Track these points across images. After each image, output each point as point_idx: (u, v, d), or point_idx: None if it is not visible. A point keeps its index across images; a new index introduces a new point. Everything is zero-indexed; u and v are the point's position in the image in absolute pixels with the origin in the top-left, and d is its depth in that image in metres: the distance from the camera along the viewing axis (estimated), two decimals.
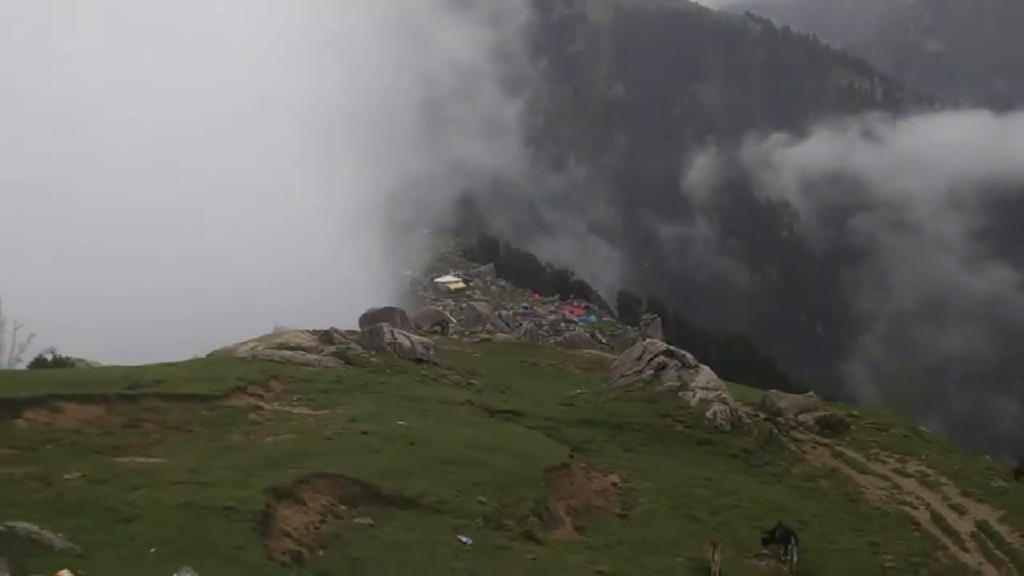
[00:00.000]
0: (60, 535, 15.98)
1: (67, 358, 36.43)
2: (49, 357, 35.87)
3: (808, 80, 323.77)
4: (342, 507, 21.85)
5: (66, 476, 19.90)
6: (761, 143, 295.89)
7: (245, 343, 44.40)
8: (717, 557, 24.44)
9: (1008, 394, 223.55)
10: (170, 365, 35.20)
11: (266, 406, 31.94)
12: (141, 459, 22.95)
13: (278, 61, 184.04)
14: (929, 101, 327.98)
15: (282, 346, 44.21)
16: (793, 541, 26.21)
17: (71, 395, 26.26)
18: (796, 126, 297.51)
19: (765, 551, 26.63)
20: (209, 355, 42.57)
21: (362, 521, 21.21)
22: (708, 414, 40.70)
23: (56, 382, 27.70)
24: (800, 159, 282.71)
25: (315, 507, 21.26)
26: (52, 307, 72.53)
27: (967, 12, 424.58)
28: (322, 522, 20.84)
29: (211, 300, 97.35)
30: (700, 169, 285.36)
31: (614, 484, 31.84)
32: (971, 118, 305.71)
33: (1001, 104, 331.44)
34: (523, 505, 24.83)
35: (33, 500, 18.02)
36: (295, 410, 32.34)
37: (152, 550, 16.45)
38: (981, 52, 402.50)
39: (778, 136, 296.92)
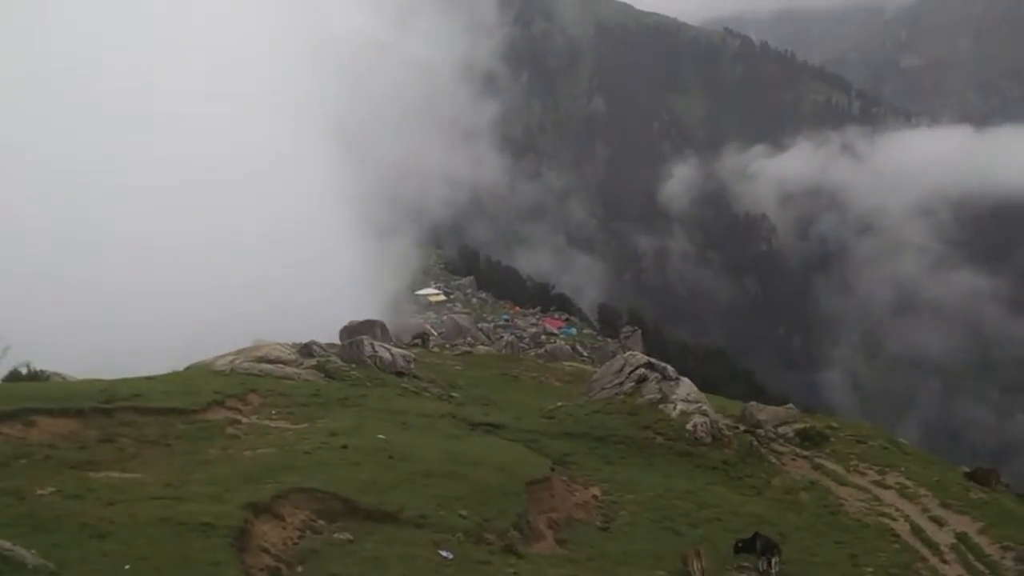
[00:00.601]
0: (33, 552, 15.71)
1: (42, 372, 35.86)
2: (24, 371, 35.27)
3: (786, 95, 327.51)
4: (321, 522, 21.63)
5: (40, 491, 19.57)
6: (739, 156, 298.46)
7: (223, 356, 43.97)
8: (698, 566, 24.46)
9: (983, 404, 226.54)
10: (148, 379, 34.79)
11: (244, 420, 31.59)
12: (116, 474, 22.63)
13: (260, 61, 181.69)
14: (906, 116, 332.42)
15: (261, 359, 43.79)
16: (776, 553, 26.27)
17: (46, 409, 25.86)
18: (774, 140, 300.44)
19: (745, 563, 26.68)
20: (187, 368, 42.14)
21: (341, 536, 21.00)
22: (688, 426, 40.75)
23: (31, 396, 27.27)
24: (778, 173, 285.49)
25: (294, 522, 21.04)
26: (28, 318, 71.41)
27: (942, 29, 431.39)
28: (301, 537, 20.62)
29: (191, 308, 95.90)
30: (679, 182, 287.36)
31: (595, 497, 31.78)
32: (948, 133, 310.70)
33: (977, 119, 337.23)
34: (504, 519, 24.69)
35: (6, 516, 17.69)
36: (274, 424, 32.02)
37: (127, 567, 16.21)
38: (956, 68, 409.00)
39: (756, 149, 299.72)
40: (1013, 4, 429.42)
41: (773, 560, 26.03)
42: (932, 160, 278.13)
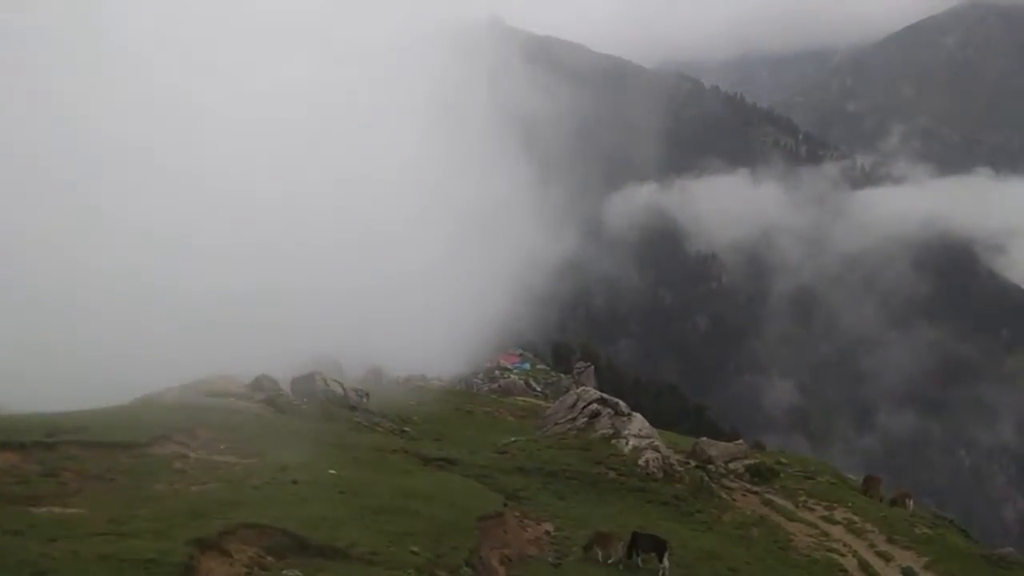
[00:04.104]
0: None
1: None
2: None
3: (736, 136, 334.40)
4: (270, 559, 21.21)
5: None
6: (691, 196, 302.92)
7: (171, 389, 43.23)
8: (602, 553, 27.34)
9: (933, 444, 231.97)
10: (92, 412, 33.99)
11: (191, 454, 30.99)
12: (58, 509, 22.02)
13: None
14: (852, 159, 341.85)
15: (210, 393, 43.16)
16: (666, 550, 27.52)
17: None
18: (725, 180, 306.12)
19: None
20: (134, 401, 41.27)
21: (290, 573, 20.60)
22: (641, 462, 40.93)
23: None
24: (729, 212, 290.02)
25: (241, 559, 20.60)
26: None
27: (886, 76, 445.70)
28: (248, 575, 20.20)
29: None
30: (632, 221, 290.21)
31: (548, 533, 31.67)
32: (896, 176, 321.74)
33: (920, 160, 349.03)
34: (457, 555, 24.48)
35: None
36: (222, 458, 31.44)
37: None
38: (899, 114, 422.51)
39: (708, 189, 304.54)
40: (952, 54, 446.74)
41: (664, 555, 27.43)
42: (883, 203, 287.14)
